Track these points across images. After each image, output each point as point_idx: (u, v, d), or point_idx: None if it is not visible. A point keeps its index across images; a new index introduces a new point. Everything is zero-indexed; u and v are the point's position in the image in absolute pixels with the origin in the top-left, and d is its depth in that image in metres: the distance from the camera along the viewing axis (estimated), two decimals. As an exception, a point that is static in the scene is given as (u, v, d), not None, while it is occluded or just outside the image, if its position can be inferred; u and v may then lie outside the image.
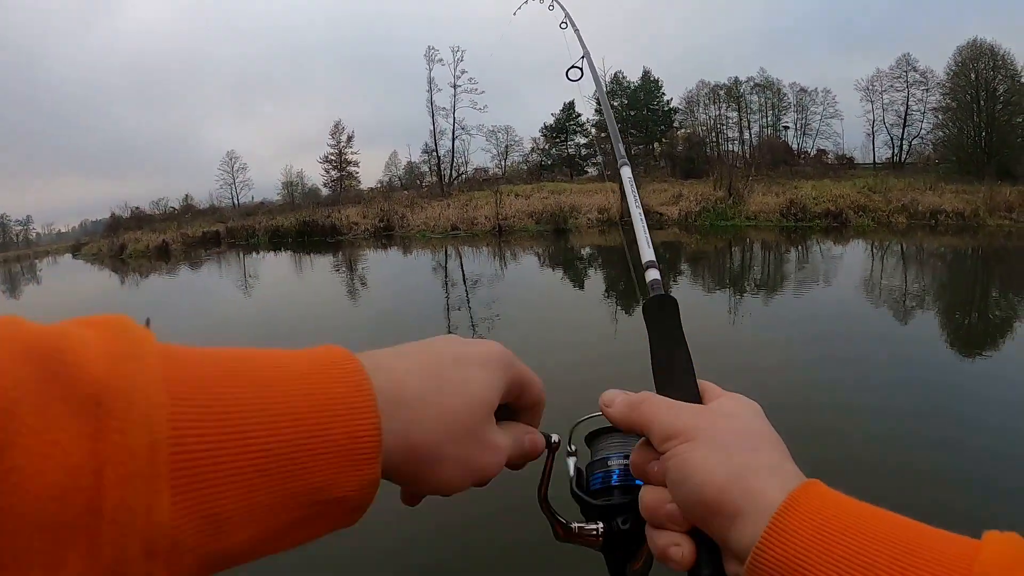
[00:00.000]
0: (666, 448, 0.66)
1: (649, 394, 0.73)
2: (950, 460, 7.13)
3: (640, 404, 0.71)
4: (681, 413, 0.69)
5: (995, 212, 34.85)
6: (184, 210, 65.90)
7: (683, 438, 0.65)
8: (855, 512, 0.54)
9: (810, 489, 0.57)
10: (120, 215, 61.63)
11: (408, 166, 78.87)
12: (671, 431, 0.67)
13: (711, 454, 0.62)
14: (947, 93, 63.32)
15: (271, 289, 23.61)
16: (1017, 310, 16.47)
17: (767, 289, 19.75)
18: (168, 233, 44.79)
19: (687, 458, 0.63)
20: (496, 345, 0.69)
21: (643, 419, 0.70)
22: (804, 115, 72.94)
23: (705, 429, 0.65)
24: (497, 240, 34.26)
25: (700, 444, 0.64)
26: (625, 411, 0.72)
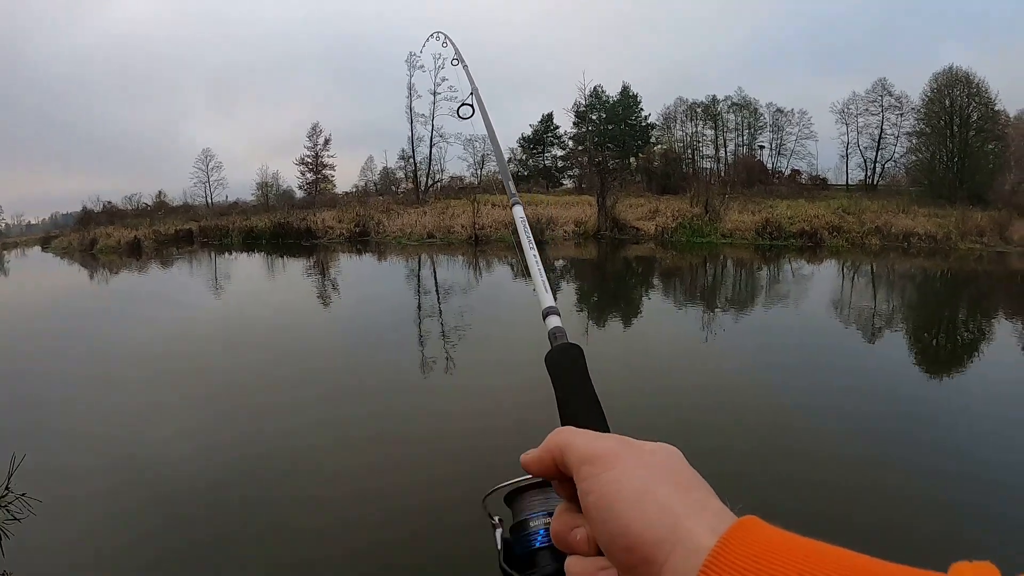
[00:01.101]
0: (585, 475, 0.61)
1: (563, 427, 0.69)
2: (918, 482, 7.27)
3: (553, 435, 0.67)
4: (600, 438, 0.64)
5: (967, 236, 35.66)
6: (157, 207, 65.03)
7: (604, 464, 0.60)
8: (795, 552, 0.48)
9: (744, 529, 0.51)
10: (92, 209, 60.81)
11: (384, 171, 78.75)
12: (590, 453, 0.62)
13: (635, 487, 0.57)
14: (921, 118, 64.37)
15: (243, 291, 23.44)
16: (985, 332, 16.79)
17: (743, 305, 19.98)
18: (140, 230, 44.28)
19: (610, 491, 0.58)
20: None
21: (558, 447, 0.65)
22: (780, 135, 73.88)
23: (627, 457, 0.60)
24: (474, 249, 34.33)
25: (623, 474, 0.58)
26: (537, 452, 0.68)
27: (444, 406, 9.97)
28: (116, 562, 5.72)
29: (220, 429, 8.90)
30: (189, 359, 12.75)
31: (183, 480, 7.21)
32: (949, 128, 60.31)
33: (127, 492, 6.95)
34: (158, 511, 6.49)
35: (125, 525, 6.30)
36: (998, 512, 6.64)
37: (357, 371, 11.86)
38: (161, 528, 6.14)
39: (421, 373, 11.85)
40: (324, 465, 7.67)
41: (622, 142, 71.14)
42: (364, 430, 8.82)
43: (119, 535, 6.14)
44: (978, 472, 7.60)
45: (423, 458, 7.79)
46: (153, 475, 7.40)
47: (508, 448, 5.20)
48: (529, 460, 0.68)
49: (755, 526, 0.51)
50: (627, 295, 21.52)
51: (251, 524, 6.25)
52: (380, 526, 6.25)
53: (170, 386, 10.98)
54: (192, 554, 5.75)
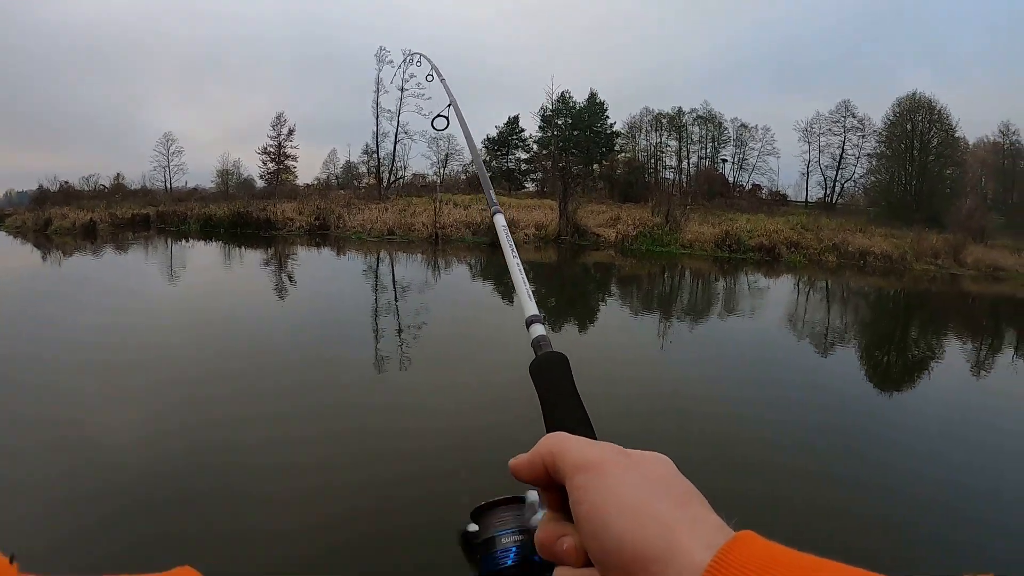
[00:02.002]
0: (579, 483, 0.59)
1: (555, 432, 0.67)
2: (864, 501, 7.34)
3: (544, 440, 0.65)
4: (593, 445, 0.62)
5: (921, 257, 36.45)
6: (115, 189, 63.51)
7: (598, 473, 0.58)
8: (793, 567, 0.47)
9: (740, 545, 0.50)
10: (48, 188, 59.52)
11: (347, 165, 78.21)
12: (584, 461, 0.60)
13: (630, 498, 0.56)
14: (883, 141, 65.82)
15: (198, 281, 22.99)
16: (934, 351, 17.09)
17: (699, 316, 20.15)
18: (97, 212, 43.34)
19: (604, 501, 0.56)
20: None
21: (550, 452, 0.63)
22: (743, 150, 74.88)
23: (622, 466, 0.59)
24: (433, 248, 34.19)
25: (618, 484, 0.57)
26: (528, 457, 0.65)
27: (401, 402, 9.88)
28: (61, 550, 5.55)
29: (169, 418, 8.65)
30: (140, 349, 12.38)
31: (133, 468, 7.00)
32: (909, 152, 61.86)
33: (74, 479, 6.76)
34: (106, 499, 6.28)
35: (72, 512, 6.12)
36: (934, 529, 6.78)
37: (310, 365, 11.65)
38: (108, 517, 5.95)
39: (376, 370, 11.69)
40: (277, 458, 7.51)
41: (587, 148, 71.45)
42: (316, 425, 8.66)
43: (65, 522, 5.97)
44: (919, 489, 7.76)
45: (378, 454, 7.70)
46: (100, 462, 7.19)
47: (464, 447, 5.15)
48: (519, 464, 0.66)
49: (751, 541, 0.50)
50: (585, 301, 21.57)
51: (200, 516, 6.10)
52: (335, 523, 6.15)
53: (118, 374, 10.67)
54: (138, 544, 5.60)
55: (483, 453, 7.51)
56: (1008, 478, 8.41)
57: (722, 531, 0.53)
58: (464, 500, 0.79)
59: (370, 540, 5.83)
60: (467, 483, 6.70)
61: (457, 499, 6.56)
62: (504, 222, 1.37)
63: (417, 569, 5.38)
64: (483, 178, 1.76)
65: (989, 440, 9.84)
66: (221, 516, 6.12)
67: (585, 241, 36.94)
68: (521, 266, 1.16)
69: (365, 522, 6.13)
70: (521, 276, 1.14)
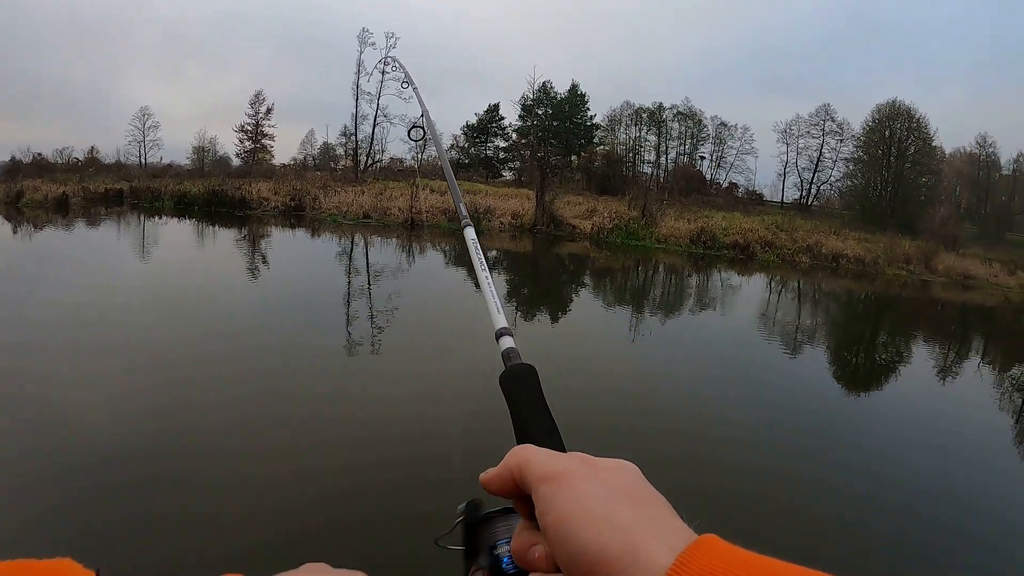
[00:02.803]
0: (543, 494, 0.60)
1: (522, 445, 0.69)
2: (824, 502, 7.45)
3: (512, 453, 0.67)
4: (558, 457, 0.64)
5: (893, 262, 36.90)
6: (88, 163, 62.32)
7: (562, 482, 0.60)
8: (753, 570, 0.47)
9: (701, 548, 0.50)
10: (21, 160, 58.49)
11: (324, 146, 77.66)
12: (548, 472, 0.61)
13: (592, 506, 0.57)
14: (861, 146, 66.50)
15: (170, 259, 22.68)
16: (901, 356, 17.34)
17: (671, 311, 20.28)
18: (69, 186, 42.60)
19: (567, 510, 0.57)
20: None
21: (517, 465, 0.65)
22: (721, 148, 75.52)
23: (585, 476, 0.60)
24: (408, 233, 34.05)
25: (581, 494, 0.58)
26: (497, 470, 0.67)
27: (369, 388, 9.87)
28: (29, 530, 5.47)
29: (133, 400, 8.48)
30: (106, 328, 12.11)
31: (97, 450, 6.89)
32: (886, 158, 62.65)
33: (35, 461, 6.65)
34: (73, 480, 6.20)
35: (40, 492, 6.03)
36: (896, 532, 6.90)
37: (279, 349, 11.48)
38: (76, 499, 5.87)
39: (345, 355, 11.62)
40: (243, 442, 7.45)
41: (566, 139, 71.42)
42: (282, 409, 8.62)
43: (32, 503, 5.90)
44: (878, 491, 7.91)
45: (346, 440, 7.71)
46: (70, 442, 7.09)
47: (432, 434, 5.10)
48: (489, 478, 0.68)
49: (713, 544, 0.51)
50: (558, 292, 21.61)
51: (165, 500, 6.00)
52: (305, 505, 6.15)
53: (87, 352, 10.50)
54: (96, 528, 5.52)
55: (452, 440, 7.54)
56: (962, 481, 8.61)
57: (684, 533, 0.54)
58: (430, 483, 0.79)
59: (337, 526, 5.82)
60: (436, 471, 6.74)
61: (425, 484, 6.61)
62: (474, 235, 1.38)
63: (384, 554, 5.40)
64: (453, 189, 1.80)
65: (949, 444, 10.03)
66: (185, 500, 6.03)
67: (561, 232, 36.96)
68: (491, 280, 1.17)
69: (333, 508, 6.13)
70: (491, 289, 1.15)
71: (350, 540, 5.60)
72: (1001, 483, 8.92)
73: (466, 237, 1.38)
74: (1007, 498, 8.32)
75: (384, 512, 6.03)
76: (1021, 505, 8.19)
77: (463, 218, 1.53)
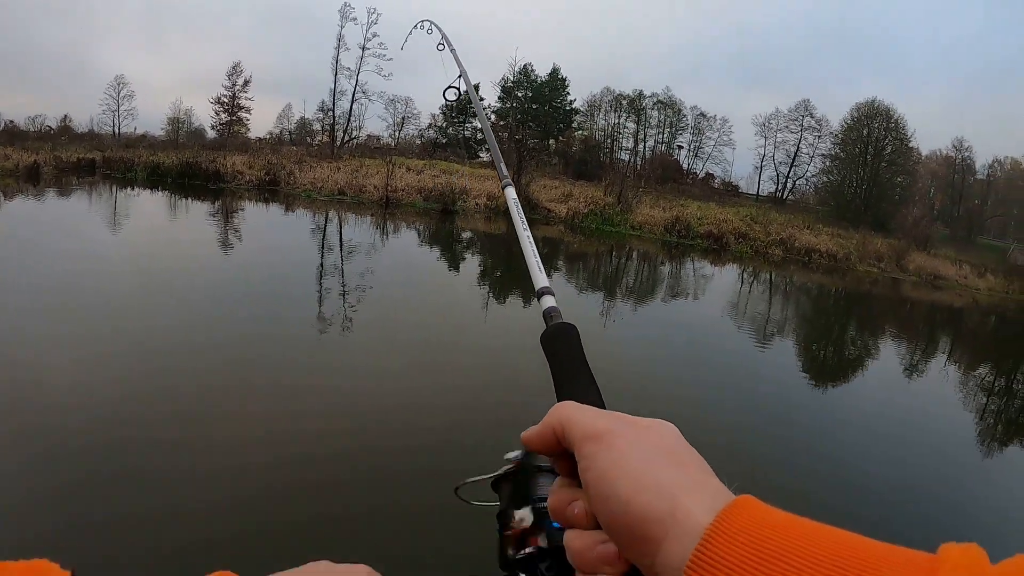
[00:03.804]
0: (586, 452, 0.61)
1: (564, 402, 0.69)
2: (789, 483, 7.59)
3: (554, 410, 0.67)
4: (601, 415, 0.65)
5: (865, 259, 37.45)
6: (61, 131, 61.07)
7: (605, 441, 0.60)
8: (792, 529, 0.48)
9: (741, 507, 0.52)
10: (-8, 127, 57.62)
11: (301, 121, 77.09)
12: (592, 430, 0.62)
13: (635, 465, 0.58)
14: (838, 143, 67.05)
15: (141, 230, 22.38)
16: (867, 349, 17.60)
17: (643, 297, 20.43)
18: (41, 154, 41.84)
19: (611, 468, 0.58)
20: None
21: (559, 422, 0.65)
22: (699, 138, 75.97)
23: (628, 435, 0.61)
24: (383, 211, 33.89)
25: (624, 452, 0.59)
26: (539, 427, 0.67)
27: (342, 363, 9.89)
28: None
29: (108, 386, 8.05)
30: (76, 296, 11.92)
31: (69, 439, 6.58)
32: (863, 156, 63.37)
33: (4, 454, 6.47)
34: (41, 477, 6.01)
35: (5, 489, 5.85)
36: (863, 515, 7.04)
37: (252, 330, 11.33)
38: (45, 496, 5.70)
39: (316, 333, 11.45)
40: (223, 416, 7.39)
41: (544, 123, 71.40)
42: (264, 379, 8.62)
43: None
44: (848, 477, 8.09)
45: (318, 426, 7.61)
46: (33, 433, 6.88)
47: (409, 411, 5.04)
48: (530, 435, 0.68)
49: (751, 505, 0.52)
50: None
51: (144, 492, 5.82)
52: (282, 496, 6.09)
53: (54, 321, 10.32)
54: (80, 526, 5.35)
55: (438, 433, 7.59)
56: (918, 468, 8.89)
57: (723, 494, 0.55)
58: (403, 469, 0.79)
59: (325, 517, 5.76)
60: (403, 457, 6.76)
61: (401, 471, 6.63)
62: (515, 195, 1.41)
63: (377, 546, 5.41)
64: (494, 151, 1.78)
65: (908, 435, 10.24)
66: (161, 494, 5.79)
67: (536, 215, 36.96)
68: (532, 239, 1.19)
69: (317, 498, 6.06)
70: (532, 248, 1.16)
71: (339, 530, 5.54)
72: (955, 468, 9.23)
73: (507, 196, 1.42)
74: (960, 482, 8.64)
75: (370, 504, 5.97)
76: (972, 488, 8.53)
77: (503, 178, 1.57)
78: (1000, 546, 0.35)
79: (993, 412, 13.30)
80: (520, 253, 1.15)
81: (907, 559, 0.42)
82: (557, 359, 0.87)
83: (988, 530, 7.09)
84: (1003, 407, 13.98)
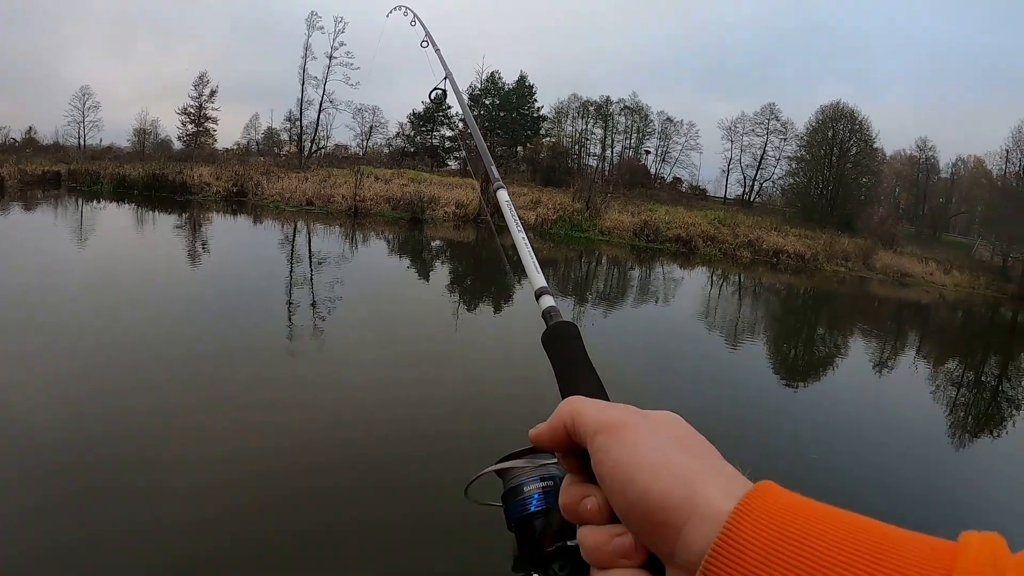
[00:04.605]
0: (600, 444, 0.61)
1: (572, 397, 0.70)
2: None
3: (564, 405, 0.68)
4: (611, 406, 0.66)
5: (832, 259, 38.05)
6: (26, 144, 60.32)
7: (618, 432, 0.61)
8: (815, 515, 0.49)
9: (763, 491, 0.52)
10: (-47, 139, 56.90)
11: (268, 131, 76.66)
12: (604, 421, 0.62)
13: (650, 454, 0.58)
14: (804, 145, 67.96)
15: (107, 243, 22.11)
16: (835, 347, 17.91)
17: (612, 301, 20.59)
18: (5, 167, 41.14)
19: (627, 458, 0.59)
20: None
21: (570, 416, 0.66)
22: (666, 143, 76.64)
23: (640, 425, 0.61)
24: (352, 221, 33.81)
25: (638, 442, 0.59)
26: (548, 423, 0.68)
27: (319, 374, 9.93)
28: None
29: (75, 402, 7.82)
30: (43, 312, 11.76)
31: (36, 456, 6.59)
32: (829, 158, 64.32)
33: None
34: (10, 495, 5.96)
35: None
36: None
37: (224, 335, 11.33)
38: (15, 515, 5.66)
39: (289, 341, 11.52)
40: (192, 429, 7.35)
41: (512, 130, 71.53)
42: (231, 393, 8.57)
43: None
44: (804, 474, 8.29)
45: (295, 424, 7.74)
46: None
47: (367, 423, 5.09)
48: (539, 432, 0.69)
49: (771, 490, 0.52)
50: (500, 281, 21.74)
51: (121, 507, 5.77)
52: (254, 495, 6.12)
53: (19, 337, 10.21)
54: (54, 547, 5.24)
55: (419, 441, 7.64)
56: (877, 463, 9.08)
57: (739, 480, 0.55)
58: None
59: (275, 534, 5.68)
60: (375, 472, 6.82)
61: (373, 487, 6.69)
62: (507, 197, 1.41)
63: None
64: (483, 152, 1.77)
65: (872, 434, 10.45)
66: (138, 509, 5.69)
67: (504, 223, 36.84)
68: (527, 240, 1.21)
69: (268, 516, 6.07)
70: (528, 250, 1.18)
71: (327, 544, 5.47)
72: (922, 454, 9.44)
73: (500, 199, 1.41)
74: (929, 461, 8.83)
75: (335, 520, 6.06)
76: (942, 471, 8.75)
77: (495, 180, 1.55)
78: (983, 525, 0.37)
79: (964, 404, 13.62)
80: (494, 259, 1.20)
81: (929, 545, 0.43)
82: (559, 357, 0.89)
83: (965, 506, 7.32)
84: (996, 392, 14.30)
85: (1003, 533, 0.33)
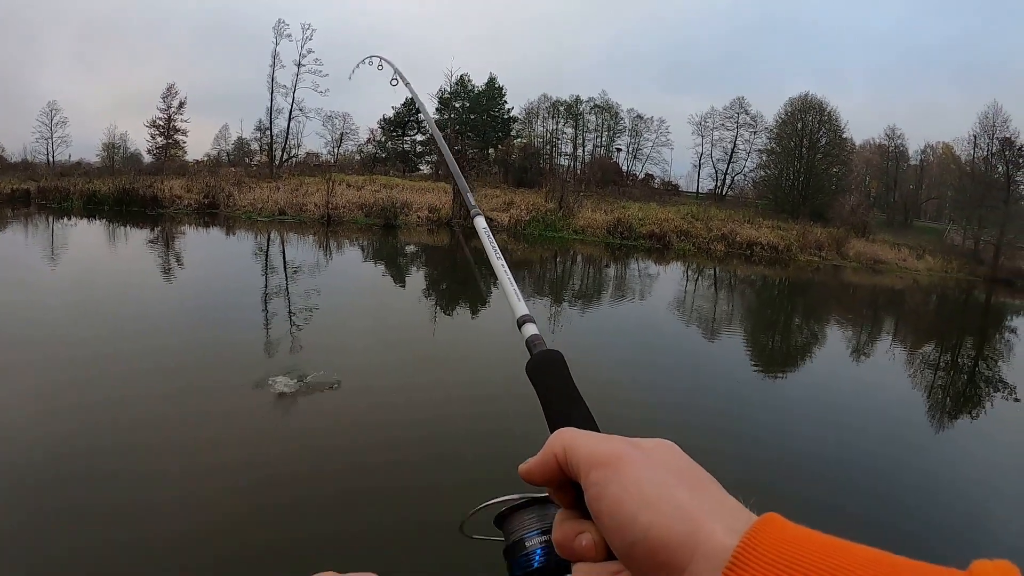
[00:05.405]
0: (595, 479, 0.59)
1: (563, 428, 0.66)
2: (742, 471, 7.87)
3: (555, 437, 0.65)
4: (605, 439, 0.62)
5: (806, 249, 38.43)
6: None
7: (614, 466, 0.58)
8: (822, 548, 0.46)
9: (767, 525, 0.50)
10: (-82, 158, 55.97)
11: (239, 142, 76.05)
12: (599, 455, 0.60)
13: (650, 489, 0.56)
14: (774, 138, 68.41)
15: (78, 261, 21.82)
16: (811, 335, 18.10)
17: (588, 300, 20.66)
18: (-27, 187, 40.81)
19: (624, 495, 0.56)
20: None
21: (562, 449, 0.63)
22: (637, 140, 76.77)
23: (636, 458, 0.59)
24: (325, 229, 33.71)
25: (636, 476, 0.57)
26: (539, 458, 0.64)
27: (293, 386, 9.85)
28: None
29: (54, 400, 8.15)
30: (17, 328, 11.79)
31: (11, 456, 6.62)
32: (799, 149, 64.85)
33: None
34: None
35: None
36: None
37: (200, 348, 11.29)
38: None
39: (266, 354, 11.43)
40: (166, 442, 7.32)
41: (483, 132, 71.56)
42: (209, 405, 8.55)
43: None
44: (792, 460, 8.43)
45: (267, 433, 7.77)
46: None
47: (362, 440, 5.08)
48: (530, 467, 0.65)
49: (777, 523, 0.50)
50: (476, 283, 21.77)
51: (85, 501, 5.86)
52: (222, 502, 6.14)
53: None
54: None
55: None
56: (854, 449, 9.22)
57: (743, 514, 0.53)
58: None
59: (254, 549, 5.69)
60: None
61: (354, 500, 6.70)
62: (485, 224, 1.36)
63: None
64: (459, 181, 1.68)
65: (848, 421, 10.58)
66: (118, 496, 5.89)
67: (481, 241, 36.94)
68: (507, 267, 1.16)
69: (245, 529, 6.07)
70: (508, 277, 1.12)
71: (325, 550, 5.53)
72: (899, 441, 9.61)
73: (477, 226, 1.36)
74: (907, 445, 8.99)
75: (345, 524, 6.10)
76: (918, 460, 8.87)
77: (472, 207, 1.47)
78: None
79: (943, 386, 13.82)
80: (465, 262, 1.20)
81: (936, 573, 0.41)
82: (546, 387, 0.85)
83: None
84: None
85: (983, 509, 0.34)
